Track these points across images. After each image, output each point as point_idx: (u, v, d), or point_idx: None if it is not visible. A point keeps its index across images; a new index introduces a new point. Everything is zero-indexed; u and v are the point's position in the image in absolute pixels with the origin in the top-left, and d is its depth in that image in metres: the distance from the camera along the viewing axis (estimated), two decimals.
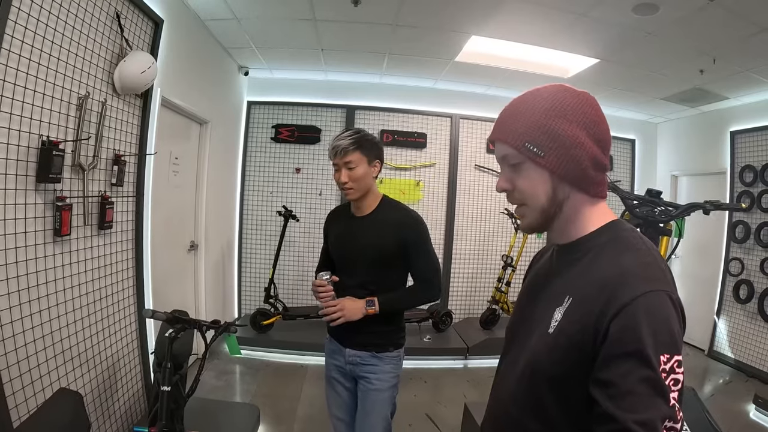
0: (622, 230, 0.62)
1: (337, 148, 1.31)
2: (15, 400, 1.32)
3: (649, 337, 0.49)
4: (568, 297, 0.59)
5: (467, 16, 2.47)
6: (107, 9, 1.72)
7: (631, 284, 0.52)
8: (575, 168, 0.59)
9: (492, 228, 4.00)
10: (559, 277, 0.64)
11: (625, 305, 0.51)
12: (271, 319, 3.21)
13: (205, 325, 1.50)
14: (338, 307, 1.30)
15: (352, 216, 1.43)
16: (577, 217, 0.63)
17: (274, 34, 2.91)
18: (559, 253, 0.67)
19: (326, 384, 1.48)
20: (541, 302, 0.65)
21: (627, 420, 0.47)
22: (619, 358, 0.50)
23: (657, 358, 0.48)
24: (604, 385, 0.50)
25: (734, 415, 2.62)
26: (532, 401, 0.60)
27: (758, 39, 2.37)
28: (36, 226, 1.43)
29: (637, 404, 0.47)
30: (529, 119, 0.60)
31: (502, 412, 0.68)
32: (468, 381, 3.01)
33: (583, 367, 0.53)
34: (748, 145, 3.48)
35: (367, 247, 1.35)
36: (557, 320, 0.59)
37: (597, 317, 0.53)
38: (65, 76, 1.52)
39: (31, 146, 1.39)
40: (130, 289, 2.02)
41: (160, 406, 1.39)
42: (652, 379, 0.48)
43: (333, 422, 1.47)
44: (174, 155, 2.58)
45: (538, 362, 0.60)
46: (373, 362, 1.36)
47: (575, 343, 0.55)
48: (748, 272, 3.37)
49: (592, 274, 0.58)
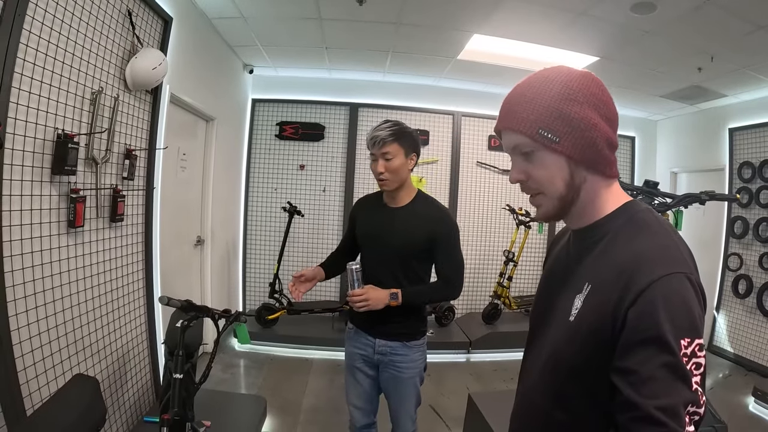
0: (638, 211, 0.60)
1: (375, 138, 1.33)
2: (29, 389, 1.35)
3: (667, 323, 0.48)
4: (587, 283, 0.58)
5: (469, 15, 2.51)
6: (119, 7, 1.76)
7: (648, 269, 0.51)
8: (592, 150, 0.58)
9: (493, 224, 4.04)
10: (577, 263, 0.63)
11: (642, 291, 0.50)
12: (276, 313, 3.24)
13: (217, 313, 1.54)
14: (365, 296, 1.31)
15: (385, 206, 1.44)
16: (593, 200, 0.61)
17: (279, 33, 2.95)
18: (575, 238, 0.66)
19: (347, 373, 1.50)
20: (561, 290, 0.64)
21: (649, 406, 0.46)
22: (638, 345, 0.49)
23: (677, 342, 0.47)
24: (625, 373, 0.49)
25: (734, 407, 2.65)
26: (557, 391, 0.60)
27: (755, 37, 2.40)
28: (51, 218, 1.46)
29: (659, 390, 0.47)
30: (540, 105, 0.58)
31: (528, 402, 0.68)
32: (471, 374, 3.05)
33: (604, 355, 0.52)
34: (746, 141, 3.52)
35: (399, 238, 1.36)
36: (578, 308, 0.58)
37: (615, 304, 0.52)
38: (80, 71, 1.55)
39: (47, 139, 1.42)
40: (140, 282, 2.05)
41: (172, 393, 1.41)
42: (673, 364, 0.47)
43: (350, 410, 1.50)
44: (182, 151, 2.62)
45: (560, 351, 0.60)
46: (404, 351, 1.41)
47: (595, 331, 0.54)
48: (747, 267, 3.40)
49: (609, 259, 0.57)
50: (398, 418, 1.45)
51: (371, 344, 1.43)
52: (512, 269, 3.59)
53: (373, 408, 1.50)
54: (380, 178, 1.35)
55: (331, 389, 2.67)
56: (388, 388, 1.46)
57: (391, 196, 1.43)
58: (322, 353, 3.17)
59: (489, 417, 1.96)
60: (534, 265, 4.14)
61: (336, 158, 3.82)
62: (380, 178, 1.35)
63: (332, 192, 3.82)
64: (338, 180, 3.83)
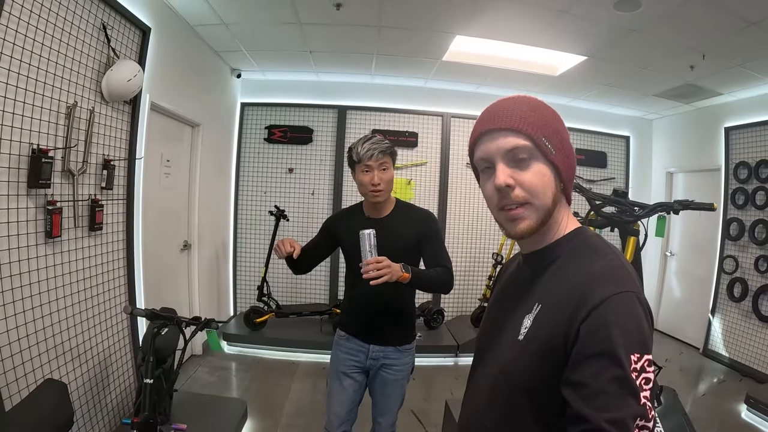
0: (588, 236, 0.63)
1: (373, 151, 1.35)
2: (9, 391, 1.41)
3: (619, 337, 0.49)
4: (537, 304, 0.60)
5: (448, 17, 2.49)
6: (94, 21, 1.80)
7: (600, 287, 0.53)
8: (571, 171, 0.63)
9: (483, 226, 4.02)
10: (527, 284, 0.65)
11: (594, 307, 0.51)
12: (264, 316, 3.29)
13: (184, 321, 1.58)
14: (386, 263, 1.19)
15: (368, 218, 1.46)
16: (558, 222, 0.63)
17: (262, 38, 2.97)
18: (526, 262, 0.68)
19: (332, 379, 1.52)
20: (510, 311, 0.65)
21: (598, 419, 0.47)
22: (589, 358, 0.50)
23: (627, 357, 0.49)
24: (576, 386, 0.50)
25: (726, 414, 2.61)
26: (506, 410, 0.61)
27: (747, 33, 2.33)
28: (28, 229, 1.52)
29: (609, 403, 0.47)
30: (543, 116, 0.61)
31: (475, 423, 0.67)
32: (456, 378, 3.05)
33: (555, 372, 0.53)
34: (742, 141, 3.44)
35: (390, 247, 1.36)
36: (527, 327, 0.59)
37: (567, 321, 0.53)
38: (53, 87, 1.60)
39: (22, 154, 1.47)
40: (121, 288, 2.10)
41: (143, 397, 1.47)
42: (623, 378, 0.48)
43: (330, 417, 1.50)
44: (165, 158, 2.67)
45: (509, 370, 0.60)
46: (396, 355, 1.46)
47: (546, 349, 0.55)
48: (743, 270, 3.33)
49: (561, 280, 0.59)
50: (381, 417, 1.51)
51: (364, 350, 1.46)
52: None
53: (352, 418, 1.52)
54: (376, 189, 1.37)
55: (315, 392, 2.70)
56: (376, 388, 1.50)
57: (375, 208, 1.44)
58: (309, 356, 3.21)
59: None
60: None
61: (324, 161, 3.85)
62: (376, 189, 1.37)
63: (321, 195, 3.85)
64: (327, 183, 3.85)
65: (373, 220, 1.44)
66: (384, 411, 1.50)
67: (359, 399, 1.52)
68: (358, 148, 1.38)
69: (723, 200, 3.50)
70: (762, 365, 3.12)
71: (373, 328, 1.45)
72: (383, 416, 1.50)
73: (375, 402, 1.53)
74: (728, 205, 3.47)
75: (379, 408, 1.51)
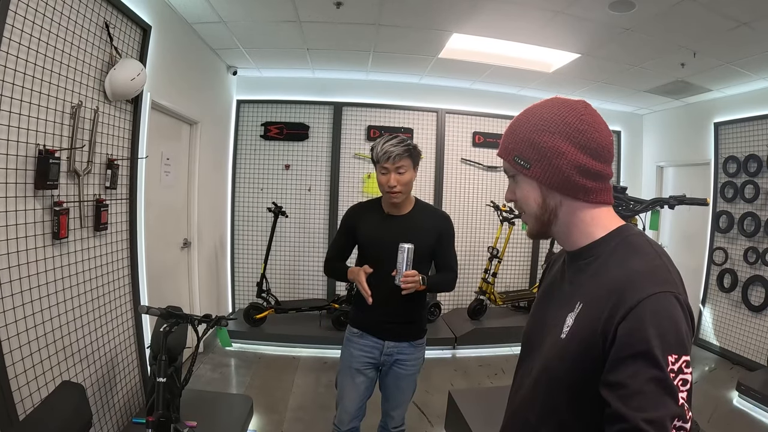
0: (630, 234, 0.63)
1: (390, 153, 1.38)
2: (21, 395, 1.41)
3: (656, 338, 0.50)
4: (579, 302, 0.61)
5: (446, 15, 2.52)
6: (96, 20, 1.78)
7: (638, 287, 0.54)
8: (559, 176, 0.62)
9: (478, 220, 4.07)
10: (570, 283, 0.66)
11: (632, 308, 0.52)
12: (263, 312, 3.31)
13: (196, 319, 1.60)
14: (417, 278, 1.36)
15: (388, 215, 1.50)
16: (577, 224, 0.64)
17: (260, 36, 2.97)
18: (569, 260, 0.69)
19: (344, 376, 1.54)
20: (554, 308, 0.67)
21: (636, 419, 0.48)
22: (627, 359, 0.51)
23: (665, 358, 0.49)
24: (614, 387, 0.51)
25: (718, 401, 2.69)
26: (548, 407, 0.62)
27: (737, 33, 2.40)
28: (36, 231, 1.51)
29: (647, 404, 0.48)
30: (519, 135, 0.65)
31: (519, 419, 0.69)
32: (455, 370, 3.12)
33: (595, 371, 0.54)
34: (731, 136, 3.53)
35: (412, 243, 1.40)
36: (569, 325, 0.60)
37: (605, 321, 0.54)
38: (58, 87, 1.59)
39: (29, 155, 1.46)
40: (126, 287, 2.11)
41: (156, 396, 1.48)
42: (661, 379, 0.49)
43: (340, 413, 1.53)
44: (165, 156, 2.67)
45: (551, 368, 0.62)
46: (409, 351, 1.51)
47: (586, 348, 0.56)
48: (732, 261, 3.43)
49: (601, 279, 0.59)
50: (393, 411, 1.55)
51: (379, 347, 1.49)
52: (497, 265, 3.64)
53: (361, 414, 1.55)
54: (393, 190, 1.41)
55: (318, 387, 2.75)
56: (389, 383, 1.54)
57: (395, 206, 1.49)
58: (308, 351, 3.25)
59: (468, 414, 2.03)
60: (518, 262, 4.19)
61: (321, 158, 3.86)
62: (393, 190, 1.41)
63: (318, 191, 3.86)
64: (323, 179, 3.86)
65: (392, 217, 1.49)
66: (397, 405, 1.54)
67: (369, 395, 1.56)
68: (378, 149, 1.41)
69: (712, 193, 3.59)
70: (752, 353, 3.22)
71: (388, 324, 1.48)
72: (395, 410, 1.54)
73: (387, 396, 1.56)
74: (717, 199, 3.56)
75: (391, 402, 1.55)
